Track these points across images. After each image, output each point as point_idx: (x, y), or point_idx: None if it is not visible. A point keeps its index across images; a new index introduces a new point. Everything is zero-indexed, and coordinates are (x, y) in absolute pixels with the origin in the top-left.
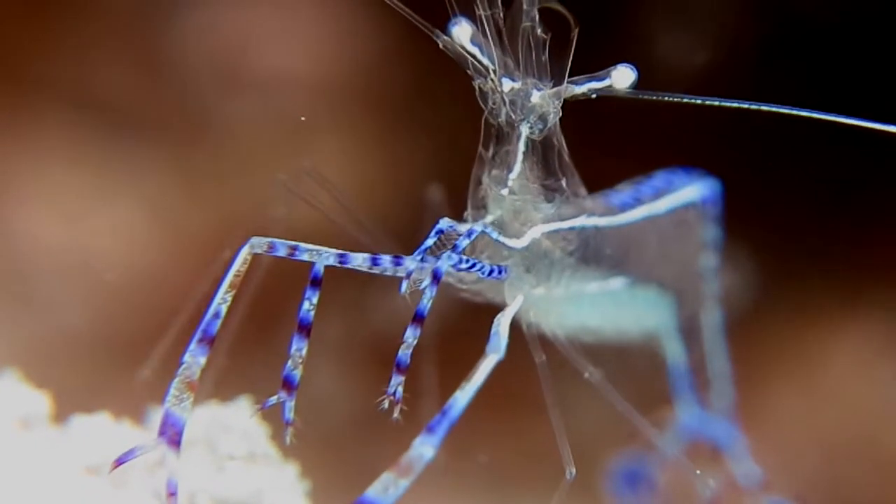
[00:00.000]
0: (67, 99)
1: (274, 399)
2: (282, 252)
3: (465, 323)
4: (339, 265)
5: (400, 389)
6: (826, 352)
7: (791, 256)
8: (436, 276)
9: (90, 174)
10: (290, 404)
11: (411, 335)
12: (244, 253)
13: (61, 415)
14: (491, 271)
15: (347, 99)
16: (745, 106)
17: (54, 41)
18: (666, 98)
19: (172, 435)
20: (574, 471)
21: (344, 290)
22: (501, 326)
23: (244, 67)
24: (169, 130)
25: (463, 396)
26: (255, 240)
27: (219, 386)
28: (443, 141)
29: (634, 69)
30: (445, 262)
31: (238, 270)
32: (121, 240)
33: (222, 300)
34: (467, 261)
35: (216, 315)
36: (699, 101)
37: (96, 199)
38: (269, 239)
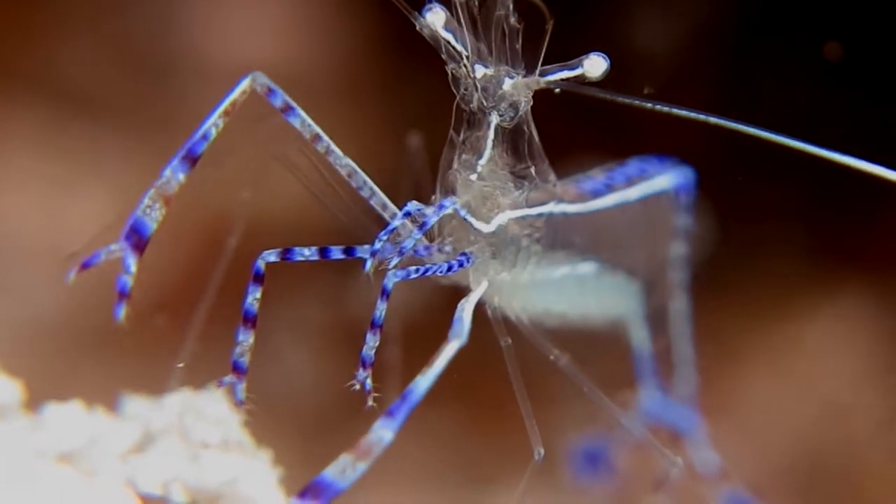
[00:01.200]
0: (40, 88)
1: (227, 379)
2: (277, 102)
3: (432, 305)
4: (281, 260)
5: (369, 381)
6: (796, 337)
7: (761, 239)
8: (384, 292)
9: (63, 163)
10: (241, 386)
11: (371, 340)
12: (244, 84)
13: (34, 402)
14: (450, 268)
15: (323, 90)
16: (710, 119)
17: (28, 30)
18: (631, 101)
19: (136, 241)
20: (542, 451)
21: (318, 275)
22: (465, 312)
23: (216, 57)
24: (143, 120)
25: (424, 381)
26: (258, 75)
27: (192, 373)
28: (420, 130)
29: (606, 58)
30: (392, 279)
31: (235, 99)
32: (93, 228)
33: (214, 124)
34: (418, 270)
35: (204, 137)
36: (665, 109)
37: (68, 188)
38: (272, 83)
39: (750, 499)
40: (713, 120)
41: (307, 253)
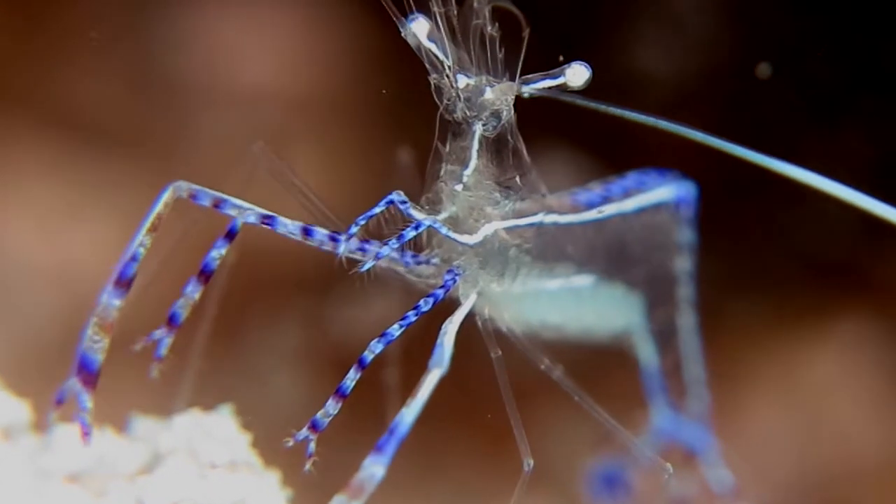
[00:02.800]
0: (45, 113)
1: (157, 333)
2: (205, 202)
3: (431, 324)
4: (263, 225)
5: (313, 445)
6: (804, 362)
7: (770, 265)
8: (361, 363)
9: (68, 188)
10: (167, 341)
11: (332, 407)
12: (166, 196)
13: (42, 423)
14: (435, 301)
15: (326, 113)
16: (695, 137)
17: (34, 56)
18: (613, 110)
19: (86, 376)
20: (532, 462)
21: (301, 298)
22: (447, 336)
23: (223, 82)
24: (147, 145)
25: (409, 413)
26: (179, 183)
27: (200, 393)
28: (422, 153)
29: (588, 67)
30: (373, 350)
31: (159, 213)
32: (99, 253)
33: (140, 243)
34: (401, 324)
35: (133, 258)
36: (646, 120)
37: (74, 214)
38: (194, 186)
39: None
40: (705, 139)
41: (290, 226)
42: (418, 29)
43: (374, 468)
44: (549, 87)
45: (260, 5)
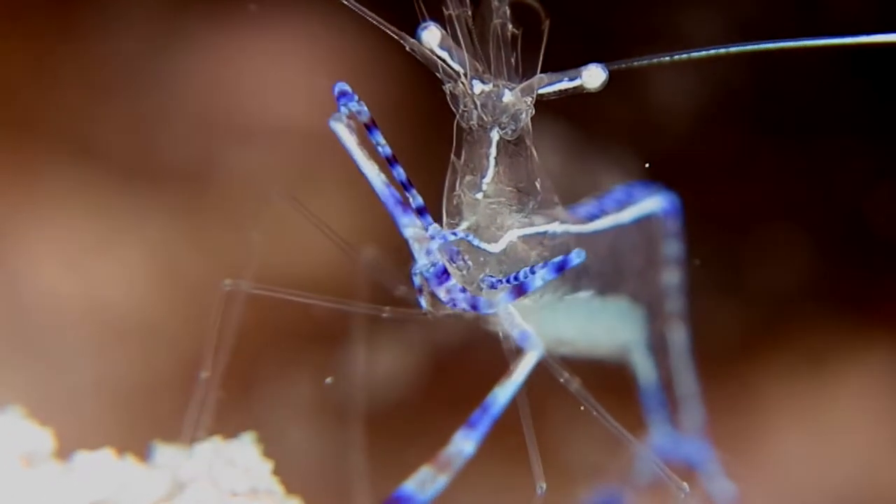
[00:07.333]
0: (72, 148)
1: None
2: (364, 119)
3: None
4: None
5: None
6: (831, 395)
7: (796, 297)
8: (524, 287)
9: (94, 222)
10: None
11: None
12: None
13: (64, 451)
14: (492, 285)
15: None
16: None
17: (60, 90)
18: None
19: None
20: (545, 485)
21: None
22: (522, 324)
23: (248, 116)
24: (173, 179)
25: (503, 393)
26: (341, 84)
27: (220, 421)
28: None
29: (605, 69)
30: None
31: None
32: (124, 287)
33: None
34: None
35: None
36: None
37: (100, 247)
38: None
39: None
40: (735, 49)
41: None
42: (430, 38)
43: (465, 444)
44: (565, 90)
45: (289, 41)
